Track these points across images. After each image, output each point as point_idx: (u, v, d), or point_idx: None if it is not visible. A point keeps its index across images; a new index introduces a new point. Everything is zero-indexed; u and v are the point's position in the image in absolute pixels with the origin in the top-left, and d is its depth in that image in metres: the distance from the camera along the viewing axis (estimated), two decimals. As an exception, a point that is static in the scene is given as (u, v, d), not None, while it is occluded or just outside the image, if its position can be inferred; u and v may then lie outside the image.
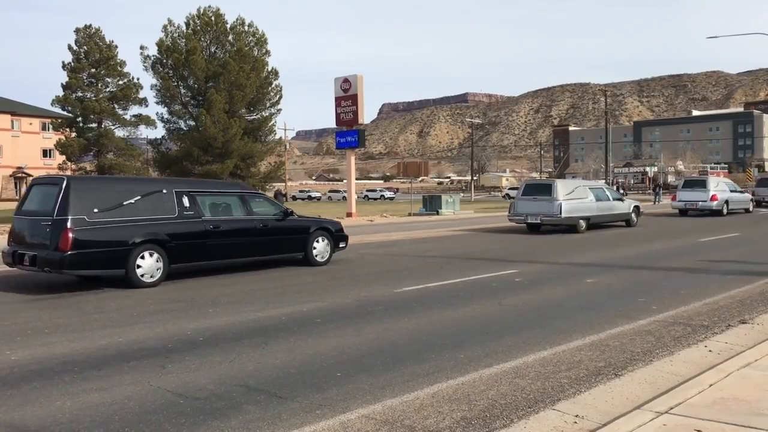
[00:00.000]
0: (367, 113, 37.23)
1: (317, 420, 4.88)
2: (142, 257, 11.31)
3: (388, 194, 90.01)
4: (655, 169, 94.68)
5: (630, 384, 5.63)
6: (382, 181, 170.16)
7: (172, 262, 11.80)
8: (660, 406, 4.83)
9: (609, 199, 24.43)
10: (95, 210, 11.05)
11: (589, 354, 6.68)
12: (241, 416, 4.98)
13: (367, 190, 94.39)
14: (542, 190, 22.91)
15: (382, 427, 4.74)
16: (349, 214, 36.12)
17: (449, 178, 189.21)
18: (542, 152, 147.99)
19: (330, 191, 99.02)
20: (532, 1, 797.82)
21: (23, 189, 69.82)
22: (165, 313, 9.07)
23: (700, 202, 31.05)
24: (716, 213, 30.99)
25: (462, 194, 70.41)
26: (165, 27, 36.03)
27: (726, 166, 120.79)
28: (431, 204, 40.39)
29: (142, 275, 11.30)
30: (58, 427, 4.80)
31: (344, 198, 64.76)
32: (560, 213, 21.83)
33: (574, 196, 22.69)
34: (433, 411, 5.05)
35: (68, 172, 41.96)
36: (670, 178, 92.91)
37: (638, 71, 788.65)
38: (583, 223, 22.55)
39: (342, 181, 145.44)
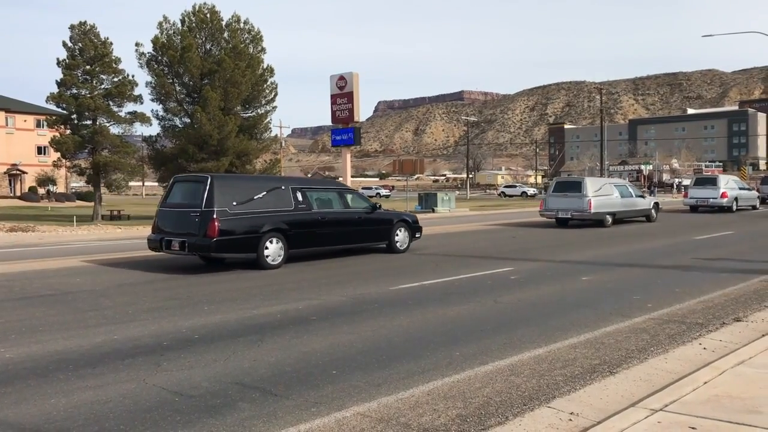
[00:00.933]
0: (363, 111, 37.21)
1: (312, 417, 4.88)
2: (270, 243, 13.35)
3: (383, 192, 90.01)
4: (650, 167, 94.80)
5: (625, 381, 5.65)
6: (377, 179, 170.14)
7: (290, 248, 13.76)
8: (655, 403, 4.84)
9: (632, 196, 25.85)
10: (233, 203, 13.10)
11: (584, 351, 6.70)
12: (237, 414, 4.97)
13: (363, 188, 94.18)
14: (572, 187, 24.27)
15: (377, 425, 4.74)
16: (344, 212, 36.08)
17: (445, 175, 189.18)
18: (538, 150, 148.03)
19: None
20: (528, 0, 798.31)
21: (17, 186, 69.61)
22: (160, 311, 9.06)
23: (711, 199, 32.50)
24: (726, 209, 32.35)
25: (458, 192, 70.50)
26: (160, 24, 35.89)
27: (721, 164, 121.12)
28: (427, 202, 40.43)
29: (268, 258, 13.28)
30: (53, 425, 4.79)
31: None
32: (590, 208, 23.24)
33: (602, 193, 24.02)
34: (429, 408, 5.06)
35: (63, 170, 41.91)
36: (665, 177, 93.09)
37: (633, 69, 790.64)
38: (609, 218, 23.93)
39: (338, 178, 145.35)
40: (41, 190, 67.10)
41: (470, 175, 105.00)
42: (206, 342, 7.22)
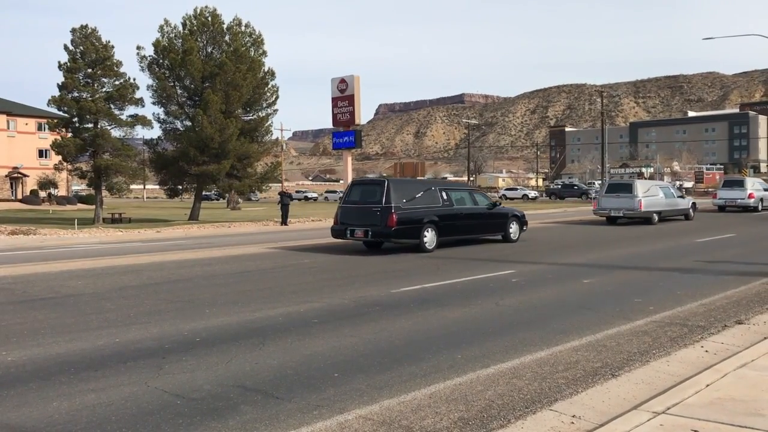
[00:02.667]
0: (364, 114, 37.23)
1: (314, 420, 4.88)
2: (427, 232, 16.80)
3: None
4: (651, 169, 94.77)
5: (627, 384, 5.64)
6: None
7: (439, 236, 17.06)
8: (657, 406, 4.84)
9: (674, 197, 28.72)
10: (403, 200, 16.66)
11: (586, 354, 6.69)
12: (239, 417, 4.97)
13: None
14: (624, 188, 27.19)
15: (379, 428, 4.74)
16: (345, 215, 36.07)
17: (446, 178, 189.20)
18: (538, 153, 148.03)
19: (326, 192, 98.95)
20: (529, 3, 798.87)
21: (19, 189, 69.64)
22: (162, 314, 9.06)
23: (739, 200, 34.99)
24: (752, 209, 34.64)
25: (458, 195, 70.33)
26: (161, 27, 35.95)
27: (722, 167, 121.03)
28: (428, 204, 40.41)
29: (426, 243, 16.71)
30: (55, 428, 4.79)
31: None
32: (640, 207, 25.88)
33: (650, 194, 26.68)
34: (431, 411, 5.06)
35: (64, 173, 41.93)
36: (666, 179, 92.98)
37: (634, 72, 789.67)
38: (656, 216, 26.53)
39: (339, 181, 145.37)
40: (42, 193, 67.11)
41: (471, 178, 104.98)
42: (208, 345, 7.22)
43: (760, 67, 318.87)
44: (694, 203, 30.25)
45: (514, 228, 19.47)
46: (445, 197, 17.79)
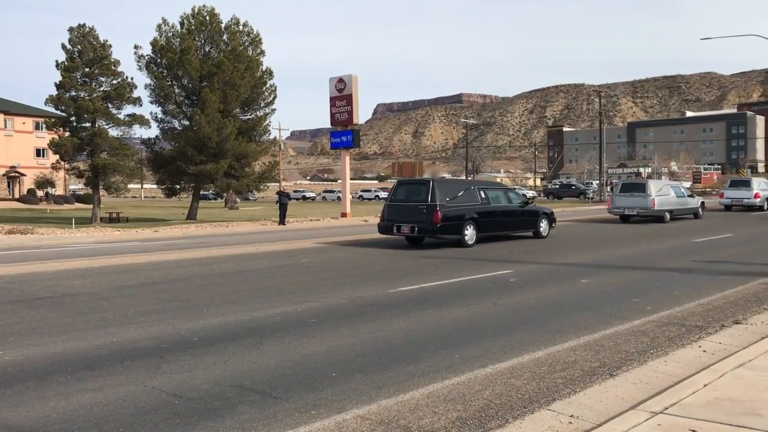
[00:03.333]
0: (362, 113, 37.19)
1: (312, 420, 4.88)
2: (468, 228, 17.97)
3: (382, 194, 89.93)
4: (649, 169, 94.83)
5: (625, 384, 5.64)
6: (376, 182, 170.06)
7: (478, 232, 18.26)
8: (655, 406, 4.84)
9: (684, 196, 29.66)
10: (447, 199, 17.86)
11: (584, 354, 6.70)
12: (236, 416, 4.97)
13: (362, 191, 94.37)
14: (637, 188, 28.27)
15: (377, 428, 4.73)
16: (343, 214, 36.09)
17: (444, 178, 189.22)
18: (536, 153, 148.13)
19: (324, 191, 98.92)
20: (527, 3, 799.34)
21: (16, 188, 69.52)
22: (159, 313, 9.05)
23: (745, 200, 36.17)
24: (758, 209, 35.66)
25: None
26: (159, 26, 35.90)
27: (719, 167, 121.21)
28: (426, 204, 40.34)
29: (467, 239, 17.90)
30: (52, 427, 4.78)
31: (339, 198, 64.77)
32: (653, 206, 26.89)
33: (662, 193, 27.73)
34: (429, 411, 5.05)
35: (61, 172, 41.85)
36: (664, 179, 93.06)
37: (632, 72, 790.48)
38: (668, 215, 27.51)
39: (336, 181, 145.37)
40: (40, 193, 67.01)
41: (469, 178, 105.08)
42: (205, 344, 7.21)
43: (757, 68, 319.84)
44: (702, 202, 31.24)
45: (544, 225, 20.72)
46: (483, 196, 19.11)
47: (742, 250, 17.05)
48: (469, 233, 17.97)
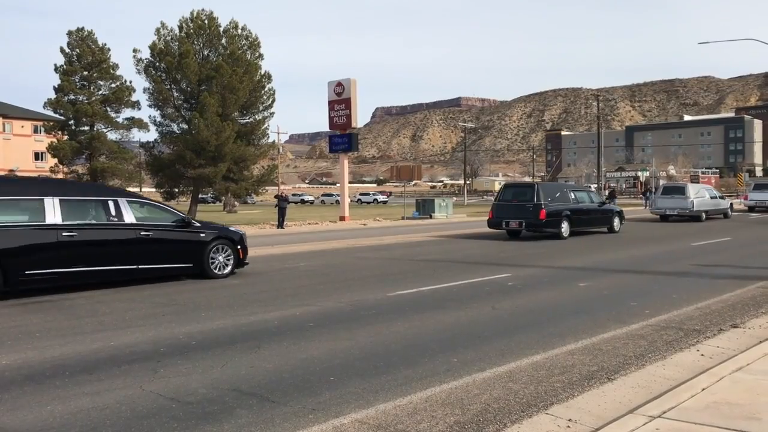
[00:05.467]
0: (361, 117, 37.24)
1: (310, 424, 4.87)
2: (564, 223, 21.50)
3: (381, 198, 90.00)
4: (647, 173, 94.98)
5: (623, 388, 5.64)
6: (375, 185, 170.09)
7: (570, 227, 21.78)
8: (653, 410, 4.83)
9: (717, 197, 33.10)
10: (549, 199, 21.49)
11: (582, 358, 6.69)
12: (234, 420, 4.96)
13: (360, 194, 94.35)
14: (677, 190, 31.48)
15: (375, 432, 4.72)
16: (342, 218, 36.09)
17: (442, 181, 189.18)
18: (535, 156, 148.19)
19: (323, 195, 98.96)
20: (526, 7, 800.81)
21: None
22: (157, 317, 9.04)
23: None
24: None
25: (455, 198, 70.49)
26: (158, 30, 35.95)
27: (717, 170, 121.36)
28: (424, 208, 40.42)
29: (563, 232, 21.41)
30: (50, 431, 4.77)
31: (337, 202, 64.73)
32: (693, 207, 30.16)
33: (699, 195, 30.99)
34: (427, 415, 5.05)
35: (60, 175, 41.84)
36: (662, 183, 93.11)
37: (630, 76, 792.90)
38: (704, 215, 30.76)
39: (335, 184, 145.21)
40: (38, 196, 66.79)
41: (467, 182, 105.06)
42: (203, 348, 7.19)
43: (755, 72, 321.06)
44: (731, 204, 34.76)
45: (616, 222, 24.28)
46: (573, 197, 22.83)
47: (740, 253, 17.06)
48: (565, 227, 21.53)
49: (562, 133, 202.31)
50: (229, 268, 13.16)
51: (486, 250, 18.68)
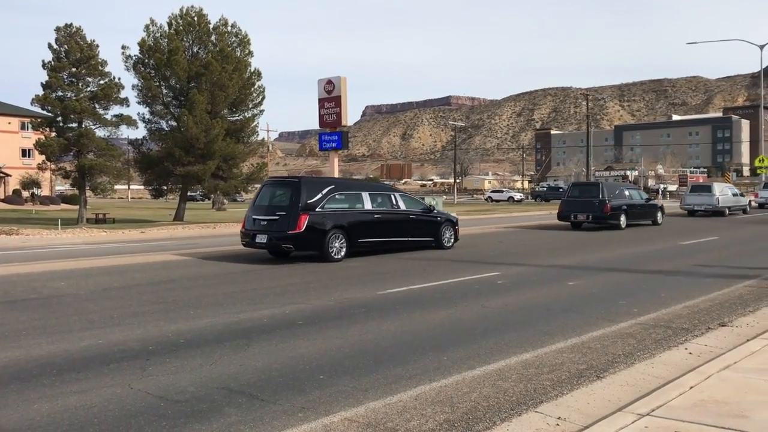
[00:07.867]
0: (351, 115, 37.13)
1: (299, 423, 4.85)
2: (622, 216, 25.13)
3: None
4: (636, 172, 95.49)
5: (612, 386, 5.66)
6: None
7: (628, 220, 25.43)
8: (641, 408, 4.85)
9: (738, 195, 36.71)
10: (611, 195, 25.07)
11: (571, 356, 6.71)
12: (223, 419, 4.94)
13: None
14: (704, 189, 35.61)
15: (365, 430, 4.72)
16: (331, 216, 35.95)
17: (432, 180, 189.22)
18: (524, 155, 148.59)
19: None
20: (515, 6, 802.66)
21: (1, 189, 68.84)
22: (146, 315, 8.98)
23: None
24: None
25: (445, 197, 70.58)
26: (147, 27, 35.69)
27: (705, 170, 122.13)
28: (414, 206, 40.37)
29: (621, 223, 24.90)
30: (36, 430, 4.73)
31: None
32: (718, 204, 33.76)
33: (723, 193, 34.55)
34: (416, 413, 5.05)
35: (47, 173, 41.45)
36: (650, 182, 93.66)
37: (619, 76, 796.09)
38: (727, 210, 34.44)
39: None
40: (25, 193, 66.36)
41: (457, 180, 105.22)
42: (192, 346, 7.16)
43: (743, 72, 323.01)
44: (750, 201, 39.03)
45: (659, 215, 27.85)
46: (627, 194, 26.52)
47: (728, 252, 17.17)
48: (623, 219, 25.04)
49: (552, 132, 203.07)
50: (452, 242, 18.04)
51: (475, 248, 18.68)
